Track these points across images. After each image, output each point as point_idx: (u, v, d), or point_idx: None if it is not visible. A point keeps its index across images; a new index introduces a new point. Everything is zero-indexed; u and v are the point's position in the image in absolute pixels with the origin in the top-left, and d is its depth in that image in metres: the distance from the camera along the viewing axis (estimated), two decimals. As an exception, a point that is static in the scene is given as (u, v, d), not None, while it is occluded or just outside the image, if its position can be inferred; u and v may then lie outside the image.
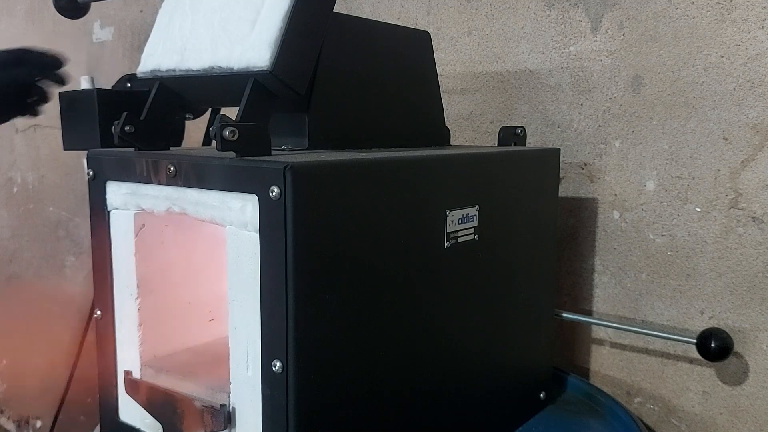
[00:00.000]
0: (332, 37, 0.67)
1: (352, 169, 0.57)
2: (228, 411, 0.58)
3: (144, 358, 0.68)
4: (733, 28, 0.84)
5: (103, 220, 0.68)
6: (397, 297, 0.61)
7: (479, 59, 1.08)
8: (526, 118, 1.03)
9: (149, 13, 1.67)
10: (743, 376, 0.87)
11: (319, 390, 0.55)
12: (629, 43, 0.92)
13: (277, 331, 0.52)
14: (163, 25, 0.68)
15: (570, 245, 1.01)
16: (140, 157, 0.63)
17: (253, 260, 0.54)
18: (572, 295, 1.01)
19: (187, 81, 0.65)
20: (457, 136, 1.11)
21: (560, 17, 0.98)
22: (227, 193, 0.56)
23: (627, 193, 0.94)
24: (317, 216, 0.53)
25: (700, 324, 0.89)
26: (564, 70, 0.98)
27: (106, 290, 0.68)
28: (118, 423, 0.69)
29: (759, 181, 0.83)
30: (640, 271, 0.94)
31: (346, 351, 0.57)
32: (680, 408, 0.93)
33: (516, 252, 0.78)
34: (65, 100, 0.93)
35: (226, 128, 0.54)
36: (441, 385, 0.68)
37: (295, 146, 0.67)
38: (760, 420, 0.86)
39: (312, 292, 0.53)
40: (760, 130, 0.83)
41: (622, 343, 0.98)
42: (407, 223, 0.62)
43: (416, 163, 0.63)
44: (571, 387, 0.94)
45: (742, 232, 0.85)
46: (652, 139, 0.91)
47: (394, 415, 0.63)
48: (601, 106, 0.96)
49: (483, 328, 0.74)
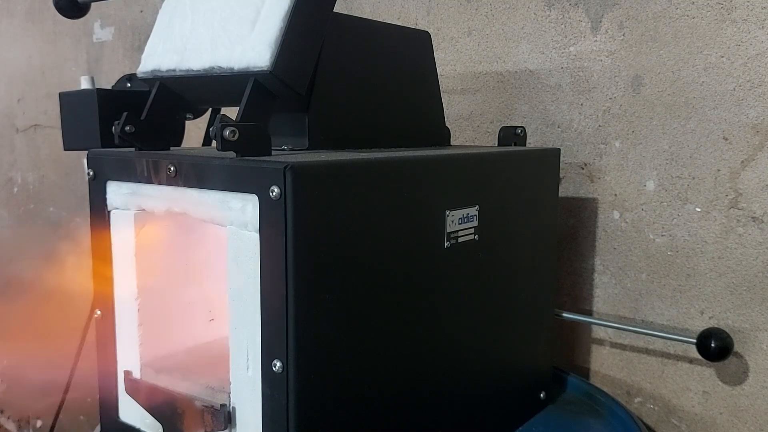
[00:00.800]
0: (332, 37, 0.67)
1: (352, 169, 0.57)
2: (228, 411, 0.58)
3: (144, 358, 0.68)
4: (733, 28, 0.84)
5: (104, 220, 0.68)
6: (397, 297, 0.61)
7: (479, 59, 1.08)
8: (526, 118, 1.03)
9: (149, 13, 1.67)
10: (743, 376, 0.87)
11: (319, 390, 0.55)
12: (629, 43, 0.92)
13: (277, 331, 0.52)
14: (163, 25, 0.68)
15: (570, 245, 1.01)
16: (140, 157, 0.63)
17: (253, 260, 0.54)
18: (572, 295, 1.01)
19: (187, 81, 0.65)
20: (457, 136, 1.11)
21: (560, 17, 0.98)
22: (227, 193, 0.56)
23: (627, 193, 0.94)
24: (317, 216, 0.53)
25: (700, 324, 0.89)
26: (564, 70, 0.98)
27: (106, 290, 0.68)
28: (118, 423, 0.69)
29: (759, 181, 0.83)
30: (640, 271, 0.94)
31: (346, 351, 0.57)
32: (680, 408, 0.93)
33: (516, 252, 0.78)
34: (65, 100, 0.93)
35: (226, 128, 0.54)
36: (441, 385, 0.68)
37: (295, 146, 0.67)
38: (760, 420, 0.86)
39: (312, 291, 0.53)
40: (760, 130, 0.83)
41: (622, 343, 0.98)
42: (407, 223, 0.62)
43: (416, 163, 0.63)
44: (571, 387, 0.94)
45: (742, 232, 0.85)
46: (652, 139, 0.91)
47: (394, 415, 0.63)
48: (601, 106, 0.96)
49: (483, 328, 0.74)
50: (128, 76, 0.98)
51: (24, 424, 2.28)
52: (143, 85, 0.69)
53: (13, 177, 2.19)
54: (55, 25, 1.92)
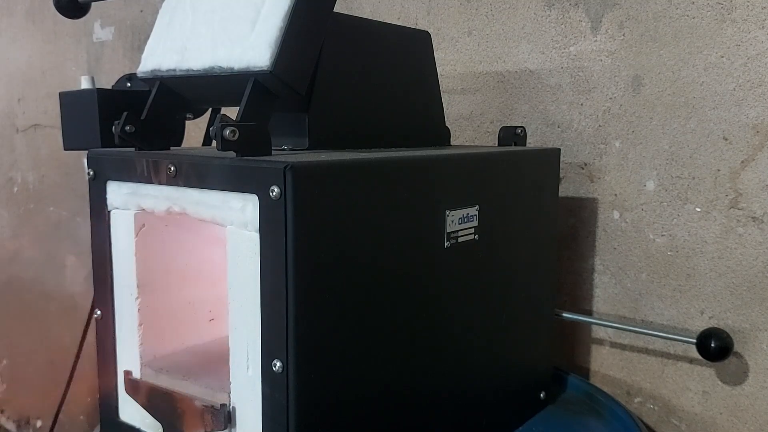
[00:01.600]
0: (332, 37, 0.67)
1: (352, 169, 0.57)
2: (228, 411, 0.58)
3: (144, 358, 0.68)
4: (733, 28, 0.84)
5: (104, 220, 0.68)
6: (397, 297, 0.61)
7: (479, 59, 1.08)
8: (526, 118, 1.03)
9: (149, 13, 1.67)
10: (743, 376, 0.87)
11: (319, 390, 0.55)
12: (629, 43, 0.92)
13: (277, 331, 0.52)
14: (163, 25, 0.68)
15: (570, 245, 1.01)
16: (140, 157, 0.63)
17: (253, 260, 0.54)
18: (572, 295, 1.01)
19: (187, 81, 0.65)
20: (457, 136, 1.11)
21: (560, 17, 0.98)
22: (227, 192, 0.56)
23: (627, 193, 0.94)
24: (317, 216, 0.53)
25: (700, 324, 0.89)
26: (564, 70, 0.98)
27: (106, 290, 0.68)
28: (118, 423, 0.69)
29: (759, 181, 0.83)
30: (640, 271, 0.94)
31: (346, 351, 0.57)
32: (680, 408, 0.93)
33: (516, 252, 0.78)
34: (65, 100, 0.93)
35: (226, 128, 0.54)
36: (441, 385, 0.68)
37: (295, 146, 0.67)
38: (760, 420, 0.86)
39: (312, 291, 0.53)
40: (760, 130, 0.83)
41: (622, 343, 0.98)
42: (407, 222, 0.62)
43: (416, 163, 0.63)
44: (571, 387, 0.94)
45: (742, 232, 0.85)
46: (652, 139, 0.91)
47: (394, 415, 0.63)
48: (601, 106, 0.96)
49: (483, 327, 0.74)
50: (128, 76, 0.98)
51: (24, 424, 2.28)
52: (143, 85, 0.69)
53: (13, 177, 2.19)
54: (55, 24, 1.92)
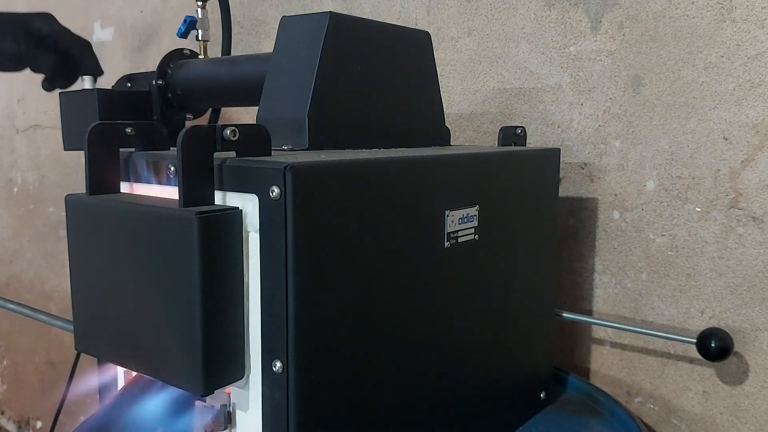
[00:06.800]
0: (332, 37, 0.67)
1: (352, 169, 0.57)
2: (228, 411, 0.58)
3: (144, 358, 0.68)
4: (733, 28, 0.84)
5: (104, 220, 0.68)
6: (396, 297, 0.61)
7: (479, 59, 1.08)
8: (526, 118, 1.03)
9: (149, 14, 1.67)
10: (743, 376, 0.87)
11: (319, 390, 0.55)
12: (629, 43, 0.92)
13: (277, 331, 0.52)
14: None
15: (570, 245, 1.01)
16: (140, 157, 0.63)
17: (253, 260, 0.54)
18: (572, 295, 1.01)
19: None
20: (457, 136, 1.11)
21: (560, 17, 0.98)
22: (227, 193, 0.55)
23: (627, 193, 0.94)
24: (317, 216, 0.53)
25: (700, 324, 0.89)
26: (564, 70, 0.98)
27: (107, 290, 0.68)
28: (119, 423, 0.69)
29: (759, 181, 0.83)
30: (641, 271, 0.94)
31: (346, 351, 0.57)
32: (680, 408, 0.93)
33: (516, 252, 0.78)
34: (65, 100, 0.93)
35: (226, 128, 0.54)
36: (441, 385, 0.68)
37: (295, 146, 0.67)
38: (760, 420, 0.86)
39: (312, 292, 0.53)
40: (760, 130, 0.83)
41: (622, 342, 0.98)
42: (407, 223, 0.62)
43: (416, 163, 0.63)
44: (571, 387, 0.94)
45: (742, 232, 0.85)
46: (652, 139, 0.91)
47: (394, 415, 0.63)
48: (601, 106, 0.96)
49: (483, 327, 0.74)
50: (128, 76, 0.98)
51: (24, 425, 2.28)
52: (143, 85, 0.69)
53: (13, 177, 2.19)
54: (55, 25, 1.92)
